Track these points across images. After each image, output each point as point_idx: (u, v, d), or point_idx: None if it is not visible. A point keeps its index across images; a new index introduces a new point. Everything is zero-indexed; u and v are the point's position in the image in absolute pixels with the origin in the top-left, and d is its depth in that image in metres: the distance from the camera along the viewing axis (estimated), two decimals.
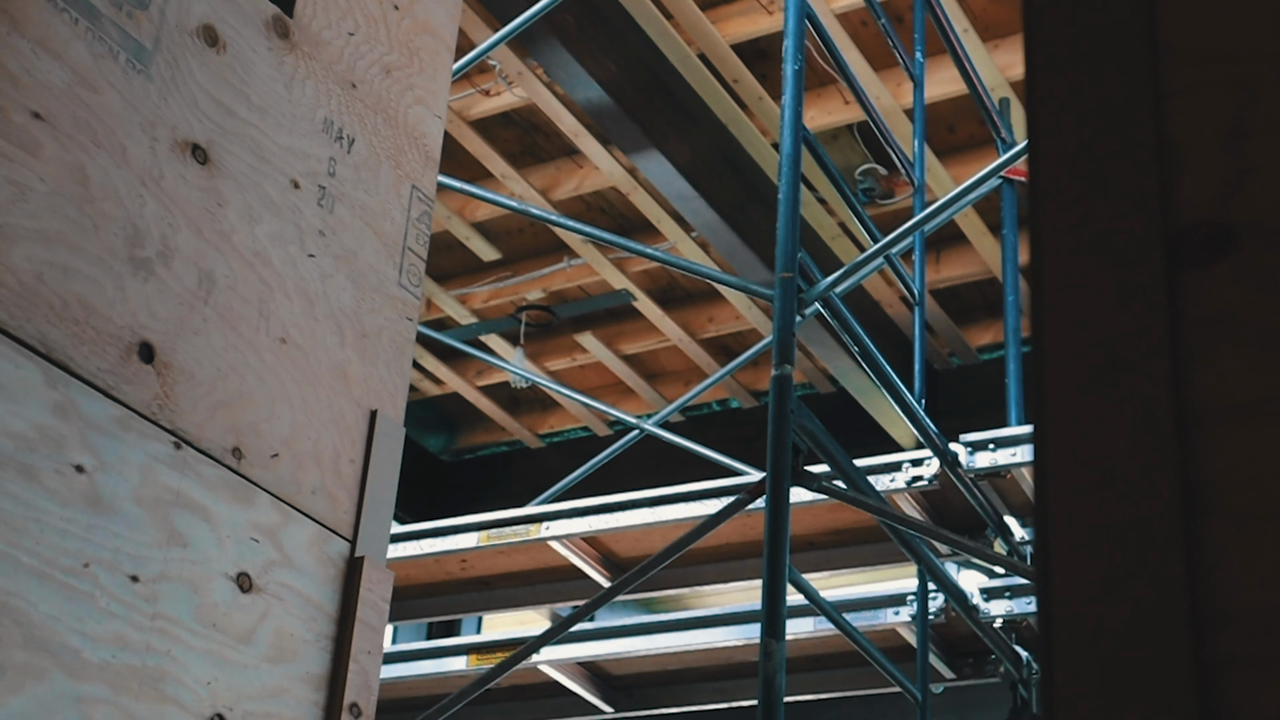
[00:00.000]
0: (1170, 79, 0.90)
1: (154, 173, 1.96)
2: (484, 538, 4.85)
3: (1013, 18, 6.31)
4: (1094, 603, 0.80)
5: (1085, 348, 0.86)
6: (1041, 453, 0.85)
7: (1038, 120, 0.93)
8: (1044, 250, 0.90)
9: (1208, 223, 0.86)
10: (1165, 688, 0.76)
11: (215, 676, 1.90)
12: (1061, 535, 0.82)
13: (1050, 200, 0.90)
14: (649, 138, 6.24)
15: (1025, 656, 4.68)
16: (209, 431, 1.95)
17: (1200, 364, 0.83)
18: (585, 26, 6.00)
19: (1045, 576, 0.82)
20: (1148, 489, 0.81)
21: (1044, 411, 0.86)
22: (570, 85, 6.07)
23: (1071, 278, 0.88)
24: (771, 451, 3.43)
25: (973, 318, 7.79)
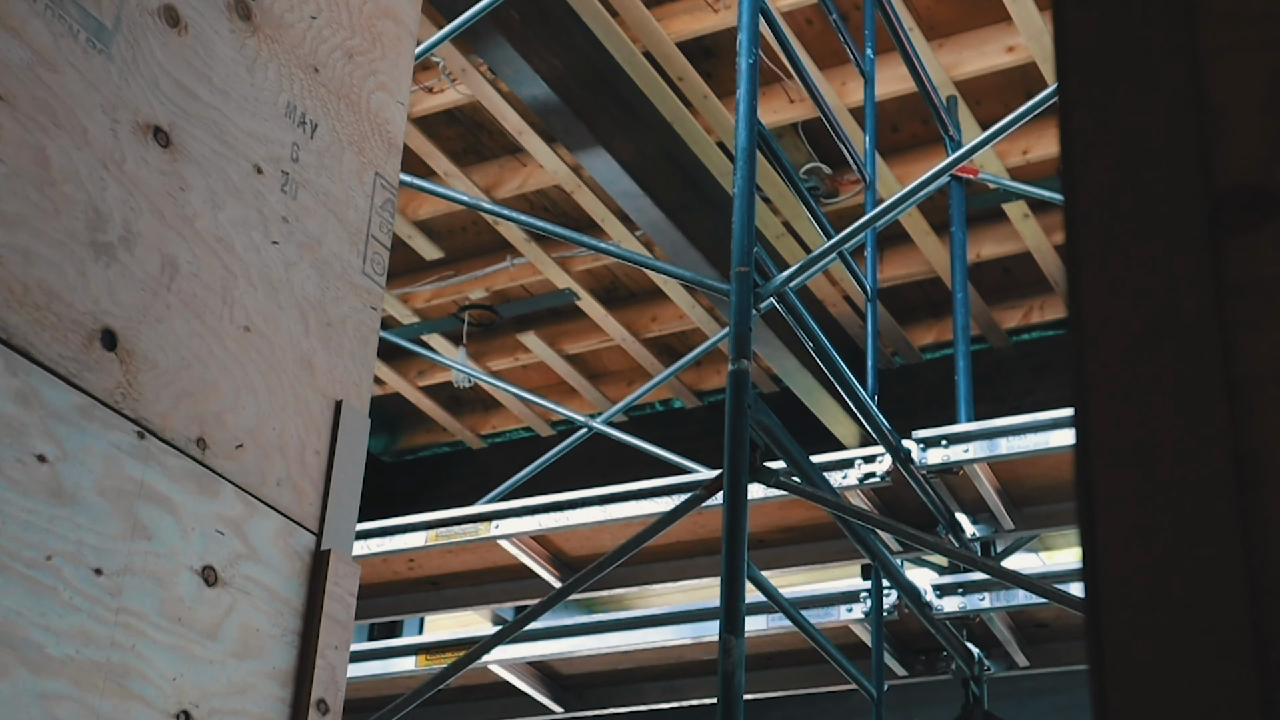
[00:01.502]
0: (1207, 40, 0.88)
1: (115, 155, 1.91)
2: (432, 537, 4.80)
3: (957, 17, 6.33)
4: (1145, 579, 0.78)
5: (1126, 315, 0.83)
6: (1083, 423, 0.83)
7: (1070, 85, 0.90)
8: (1080, 217, 0.87)
9: (1251, 187, 0.83)
10: (1224, 665, 0.74)
11: (181, 672, 1.85)
12: (1107, 508, 0.80)
13: (1085, 167, 0.88)
14: (594, 135, 6.20)
15: (977, 653, 4.68)
16: (173, 421, 1.91)
17: (1246, 330, 0.81)
18: (530, 23, 5.96)
19: (1091, 551, 0.80)
20: (1198, 459, 0.79)
21: (1084, 381, 0.83)
22: (515, 82, 6.03)
23: (1110, 244, 0.85)
24: (729, 447, 3.41)
25: (916, 317, 7.81)
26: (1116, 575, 0.79)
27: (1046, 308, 7.59)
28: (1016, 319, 7.64)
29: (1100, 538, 0.80)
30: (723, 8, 6.32)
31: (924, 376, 7.78)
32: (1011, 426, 4.35)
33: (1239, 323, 0.81)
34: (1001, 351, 7.68)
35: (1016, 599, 4.40)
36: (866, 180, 4.80)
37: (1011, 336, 7.70)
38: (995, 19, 6.27)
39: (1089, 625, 0.79)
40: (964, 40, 6.38)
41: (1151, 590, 0.77)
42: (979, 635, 4.74)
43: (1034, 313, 7.62)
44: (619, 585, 4.95)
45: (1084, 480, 0.82)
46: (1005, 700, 5.81)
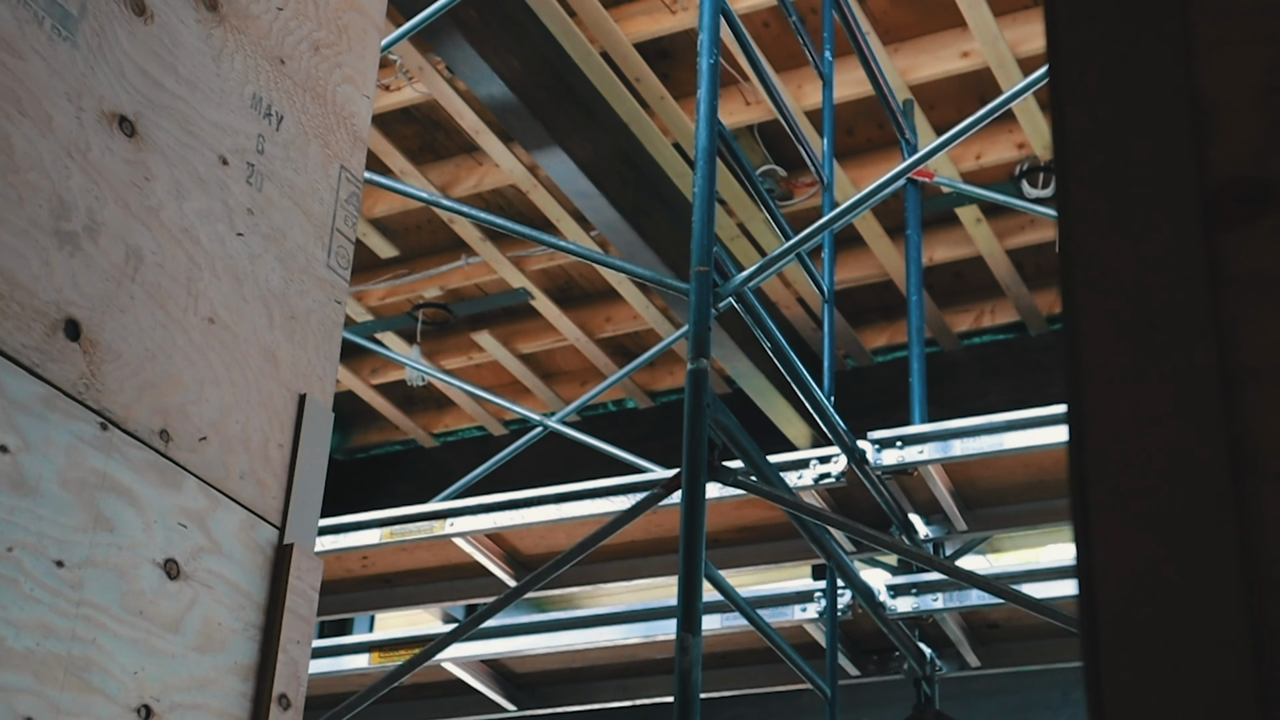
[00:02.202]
0: (1200, 33, 0.88)
1: (80, 144, 1.89)
2: (387, 534, 4.77)
3: (913, 22, 6.36)
4: (1140, 571, 0.78)
5: (1121, 307, 0.84)
6: (1077, 415, 0.83)
7: (1063, 77, 0.91)
8: (1073, 210, 0.87)
9: (1245, 180, 0.84)
10: (1221, 657, 0.74)
11: (142, 666, 1.83)
12: (1101, 500, 0.80)
13: (1079, 159, 0.88)
14: (551, 135, 6.19)
15: (929, 653, 4.70)
16: (136, 413, 1.89)
17: (1241, 323, 0.81)
18: (489, 22, 5.95)
19: (1085, 543, 0.80)
20: (1193, 451, 0.79)
21: (1078, 373, 0.83)
22: (473, 81, 6.01)
23: (1105, 237, 0.86)
24: (688, 445, 3.41)
25: (868, 320, 7.84)
26: (1111, 567, 0.79)
27: (997, 311, 7.63)
28: (968, 322, 7.68)
29: (1094, 530, 0.80)
30: (680, 9, 6.32)
31: (875, 379, 7.81)
32: (966, 428, 4.37)
33: (1234, 315, 0.81)
34: (953, 355, 7.72)
35: (970, 599, 4.42)
36: (824, 182, 4.81)
37: (962, 340, 7.74)
38: (950, 24, 6.30)
39: (1083, 618, 0.79)
40: (919, 45, 6.40)
41: (1147, 582, 0.77)
42: (931, 635, 4.76)
43: (985, 316, 7.67)
44: (573, 584, 4.94)
45: (1078, 472, 0.82)
46: (956, 700, 5.84)
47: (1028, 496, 4.57)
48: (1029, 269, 7.39)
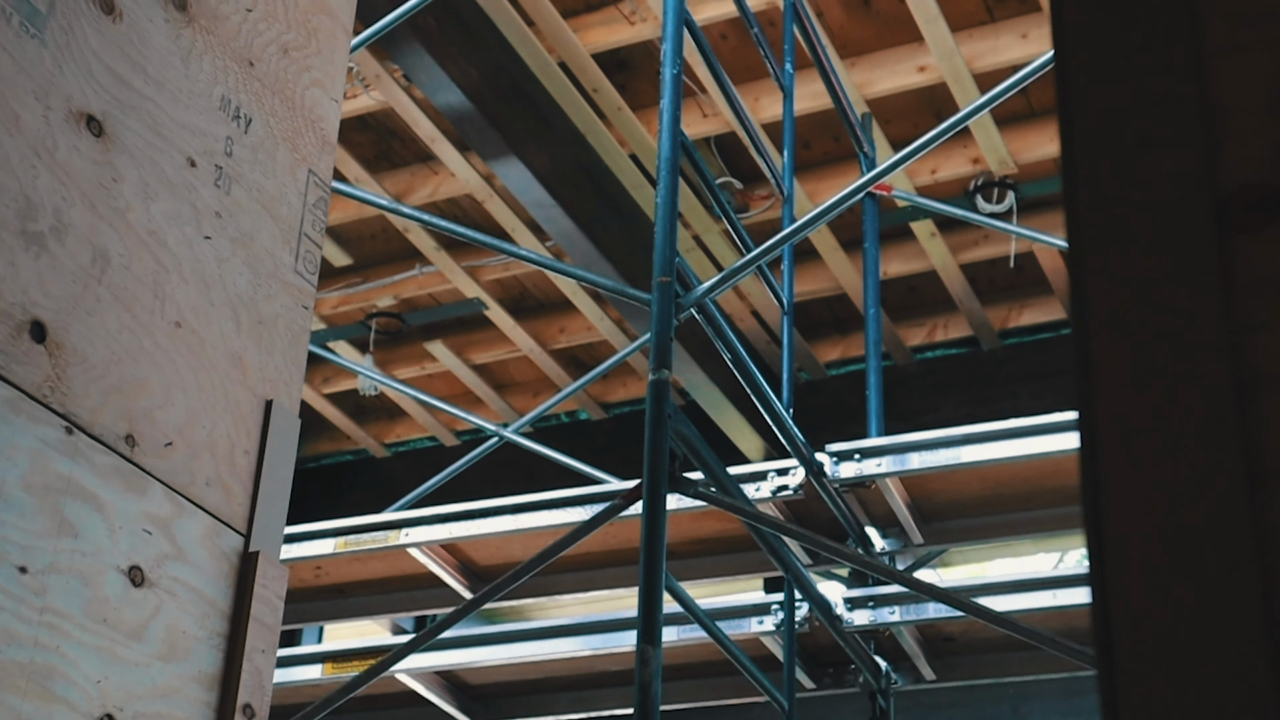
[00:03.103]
0: (1211, 40, 0.88)
1: (47, 143, 1.86)
2: (341, 544, 4.74)
3: (870, 36, 6.38)
4: (1155, 583, 0.77)
5: (1133, 315, 0.83)
6: (1089, 424, 0.82)
7: (1072, 84, 0.90)
8: (1083, 216, 0.87)
9: (1257, 186, 0.83)
10: (1239, 670, 0.74)
11: (105, 674, 1.80)
12: (1115, 510, 0.79)
13: (1088, 165, 0.88)
14: (508, 144, 6.18)
15: (885, 666, 4.71)
16: (102, 417, 1.86)
17: (1255, 330, 0.81)
18: (447, 30, 5.93)
19: (1099, 554, 0.79)
20: (1208, 460, 0.78)
21: (1090, 381, 0.83)
22: (431, 89, 5.99)
23: (1114, 244, 0.85)
24: (649, 456, 3.40)
25: (821, 333, 7.85)
26: (1126, 581, 0.78)
27: (950, 326, 7.66)
28: (921, 337, 7.71)
29: (1109, 540, 0.79)
30: (639, 20, 6.32)
31: (829, 392, 7.82)
32: (923, 441, 4.38)
33: (1248, 323, 0.81)
34: (905, 369, 7.74)
35: (927, 612, 4.43)
36: (784, 195, 4.82)
37: (915, 354, 7.77)
38: (907, 39, 6.33)
39: (1097, 633, 0.78)
40: (876, 59, 6.43)
41: (1162, 595, 0.77)
42: (887, 648, 4.76)
43: (938, 331, 7.69)
44: (528, 595, 4.92)
45: (1091, 482, 0.81)
46: (910, 713, 5.85)
47: (984, 510, 4.58)
48: (982, 283, 7.43)
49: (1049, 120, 6.63)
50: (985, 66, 6.21)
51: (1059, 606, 4.31)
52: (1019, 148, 6.63)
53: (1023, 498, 4.54)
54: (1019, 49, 6.16)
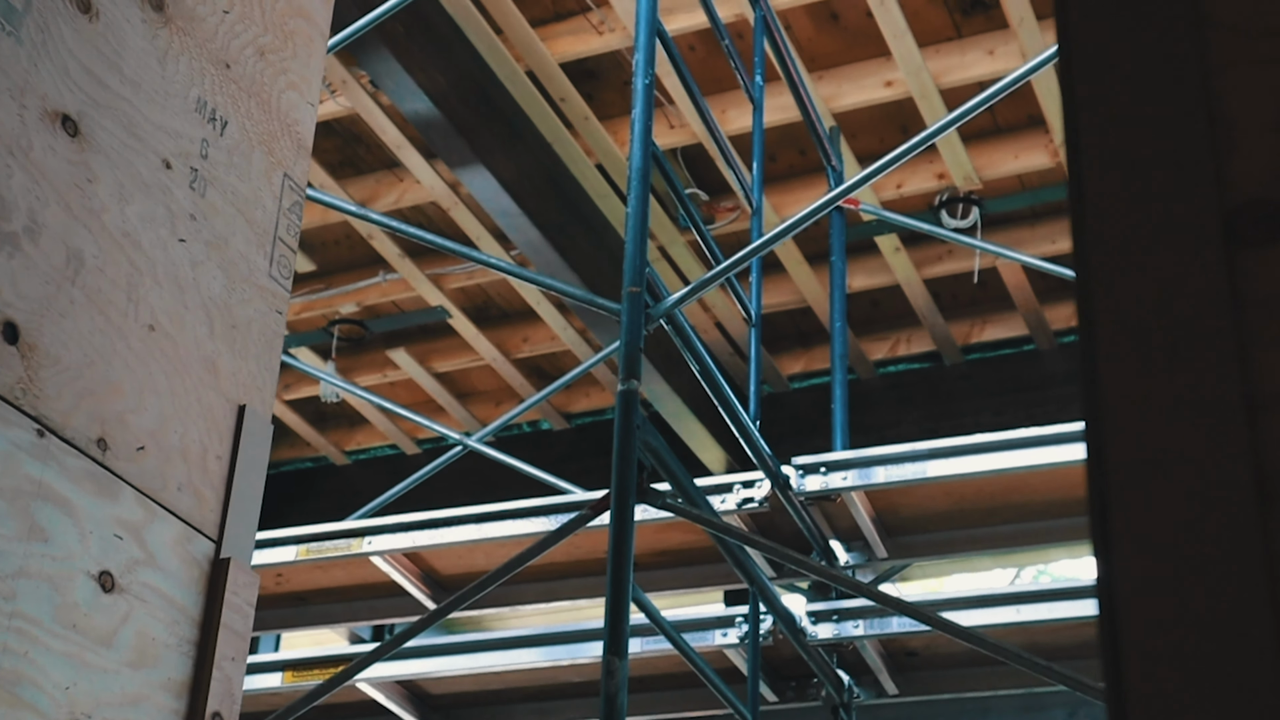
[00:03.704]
0: (1217, 53, 0.87)
1: (22, 142, 1.84)
2: (304, 551, 4.70)
3: (837, 50, 6.39)
4: (1164, 600, 0.76)
5: (1141, 329, 0.83)
6: (1097, 439, 0.82)
7: (1078, 96, 0.90)
8: (1090, 230, 0.86)
9: (1264, 201, 0.83)
10: (1250, 688, 0.73)
11: (74, 681, 1.78)
12: (1123, 527, 0.79)
13: (1094, 179, 0.87)
14: (474, 152, 6.16)
15: (847, 680, 4.71)
16: (74, 420, 1.83)
17: (1263, 345, 0.80)
18: (415, 37, 5.91)
19: (1107, 571, 0.79)
20: (1217, 476, 0.78)
21: (1099, 398, 0.82)
22: (398, 96, 5.97)
23: (1124, 259, 0.85)
24: (617, 467, 3.39)
25: (784, 346, 7.86)
26: (1134, 596, 0.77)
27: (913, 340, 7.68)
28: (884, 351, 7.73)
29: (1116, 560, 0.79)
30: (607, 31, 6.32)
31: (791, 405, 7.82)
32: (889, 455, 4.38)
33: (1257, 338, 0.81)
34: (868, 383, 7.76)
35: (890, 627, 4.43)
36: (754, 207, 4.82)
37: (878, 368, 7.79)
38: (874, 54, 6.34)
39: (1105, 649, 0.78)
40: (843, 73, 6.44)
41: (1172, 613, 0.76)
42: (850, 662, 4.76)
43: (901, 345, 7.71)
44: (490, 605, 4.89)
45: (1098, 498, 0.81)
46: None
47: (948, 525, 4.59)
48: (945, 299, 7.45)
49: (1014, 137, 6.66)
50: (952, 82, 6.23)
51: (1021, 622, 4.32)
52: (984, 164, 6.66)
53: (986, 513, 4.55)
54: (986, 65, 6.19)
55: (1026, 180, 6.82)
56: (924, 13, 6.14)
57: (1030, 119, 6.57)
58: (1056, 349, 7.45)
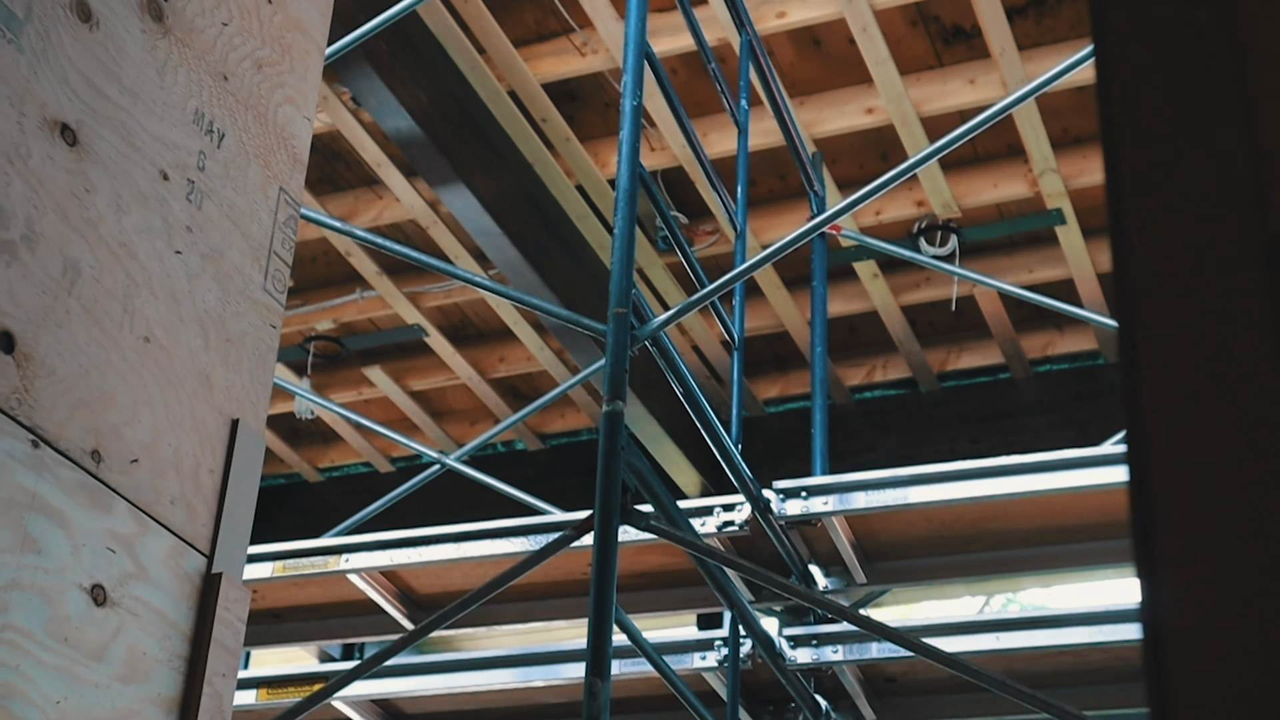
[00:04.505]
0: (1258, 81, 0.88)
1: (21, 150, 1.82)
2: (280, 568, 4.67)
3: (819, 76, 6.41)
4: (1212, 630, 0.76)
5: (1184, 358, 0.82)
6: (1140, 468, 0.81)
7: (1117, 123, 0.89)
8: (1131, 258, 0.86)
9: None
10: None
11: (65, 695, 1.76)
12: (1169, 557, 0.78)
13: (1138, 208, 0.87)
14: (455, 171, 6.16)
15: (825, 706, 4.70)
16: (68, 431, 1.82)
17: None
18: (398, 54, 5.91)
19: (1152, 599, 0.78)
20: (1264, 506, 0.78)
21: (1142, 427, 0.82)
22: (379, 113, 5.96)
23: (1165, 288, 0.84)
24: (601, 488, 3.38)
25: (761, 370, 7.86)
26: (1180, 622, 0.77)
27: (890, 367, 7.69)
28: (860, 377, 7.74)
29: (1162, 585, 0.78)
30: (590, 52, 6.32)
31: (767, 429, 7.82)
32: (870, 481, 4.38)
33: None
34: (844, 408, 7.76)
35: (870, 652, 4.42)
36: (738, 230, 4.82)
37: (854, 394, 7.79)
38: (856, 80, 6.37)
39: (1150, 674, 0.77)
40: (824, 99, 6.46)
41: (1219, 636, 0.76)
42: (828, 687, 4.76)
43: (877, 371, 7.72)
44: (465, 625, 4.87)
45: (1142, 527, 0.80)
46: None
47: (927, 551, 4.59)
48: (922, 326, 7.47)
49: (993, 165, 6.68)
50: (932, 110, 6.26)
51: (1000, 649, 4.32)
52: (963, 192, 6.68)
53: (965, 540, 4.55)
54: (967, 94, 6.22)
55: (1005, 209, 6.84)
56: (906, 41, 6.17)
57: (1010, 148, 6.60)
58: (1032, 378, 7.47)
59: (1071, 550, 4.45)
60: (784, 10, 5.99)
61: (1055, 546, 4.53)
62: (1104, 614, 4.25)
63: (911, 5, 6.00)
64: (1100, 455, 4.24)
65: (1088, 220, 6.74)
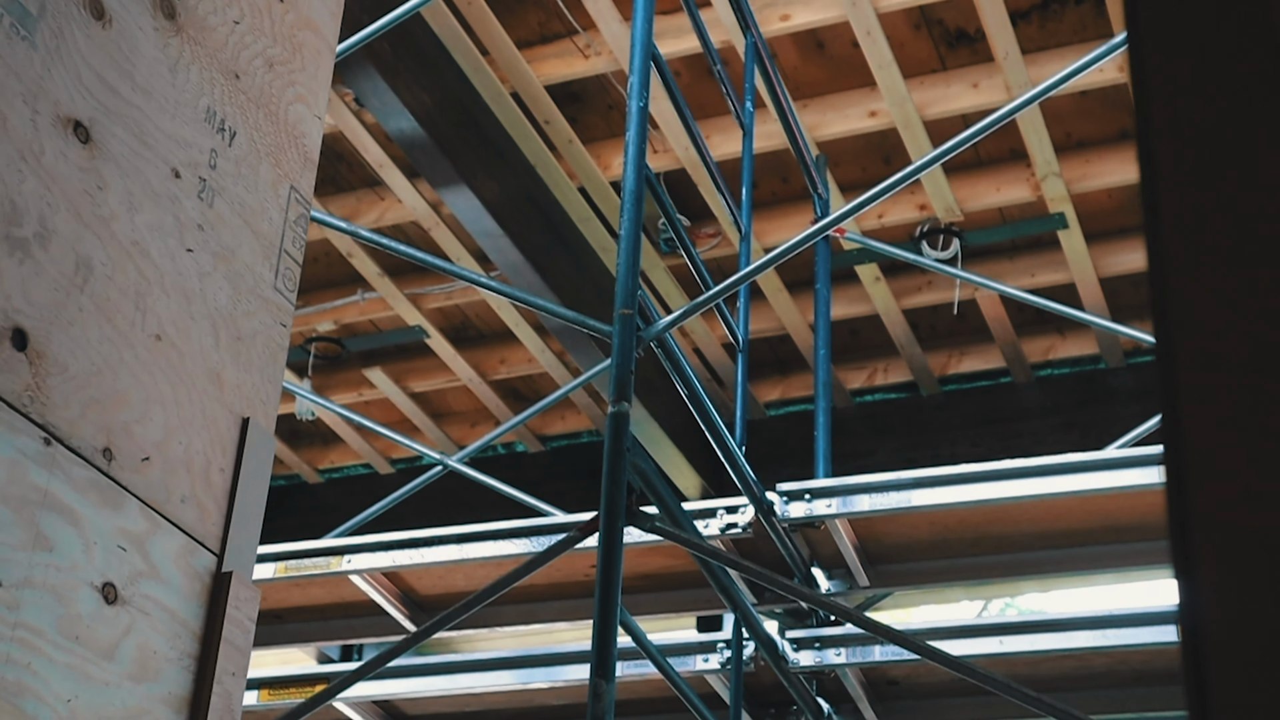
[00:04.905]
0: None
1: (34, 147, 1.82)
2: (282, 569, 4.67)
3: (822, 79, 6.41)
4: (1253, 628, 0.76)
5: (1224, 358, 0.82)
6: (1177, 469, 0.81)
7: (1154, 116, 0.89)
8: (1170, 258, 0.86)
9: None
10: None
11: (76, 694, 1.75)
12: (1209, 560, 0.78)
13: (1176, 204, 0.87)
14: (458, 172, 6.15)
15: (827, 708, 4.69)
16: (80, 429, 1.81)
17: None
18: (401, 56, 5.91)
19: (1192, 600, 0.78)
20: None
21: (1179, 425, 0.81)
22: (383, 114, 5.96)
23: (1204, 287, 0.84)
24: (606, 489, 3.37)
25: (762, 373, 7.86)
26: (1220, 626, 0.77)
27: (890, 370, 7.69)
28: (861, 380, 7.73)
29: (1201, 585, 0.78)
30: (593, 54, 6.32)
31: (768, 432, 7.82)
32: (874, 484, 4.38)
33: None
34: (844, 411, 7.76)
35: (873, 655, 4.42)
36: (742, 232, 4.82)
37: (855, 397, 7.79)
38: (859, 84, 6.36)
39: (1189, 679, 0.77)
40: (827, 102, 6.46)
41: (1261, 641, 0.75)
42: (830, 690, 4.75)
43: (878, 375, 7.72)
44: (466, 626, 4.86)
45: (1180, 526, 0.80)
46: None
47: (930, 554, 4.59)
48: (923, 329, 7.46)
49: (996, 169, 6.68)
50: (935, 114, 6.26)
51: (1004, 653, 4.32)
52: (965, 196, 6.68)
53: (968, 543, 4.55)
54: (970, 98, 6.22)
55: (1007, 213, 6.84)
56: (910, 44, 6.17)
57: (1013, 152, 6.60)
58: (1033, 382, 7.47)
59: (1075, 554, 4.45)
60: (788, 13, 5.99)
61: (1059, 550, 4.52)
62: (1107, 618, 4.24)
63: (915, 9, 6.00)
64: (1106, 459, 4.23)
65: (1090, 224, 6.74)
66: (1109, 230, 6.85)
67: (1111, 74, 6.00)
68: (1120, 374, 7.33)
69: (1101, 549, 4.47)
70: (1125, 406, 7.15)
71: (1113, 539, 4.36)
